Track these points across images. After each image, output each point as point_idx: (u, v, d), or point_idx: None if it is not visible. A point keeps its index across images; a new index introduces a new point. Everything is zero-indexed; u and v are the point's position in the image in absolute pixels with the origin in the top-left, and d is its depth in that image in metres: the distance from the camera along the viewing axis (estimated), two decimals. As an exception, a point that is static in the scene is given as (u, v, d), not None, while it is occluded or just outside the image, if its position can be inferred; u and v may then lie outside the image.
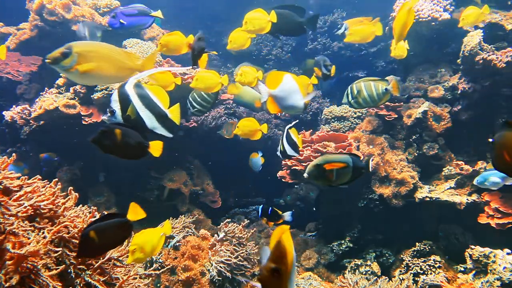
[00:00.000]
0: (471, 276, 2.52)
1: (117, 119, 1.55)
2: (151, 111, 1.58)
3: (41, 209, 1.46)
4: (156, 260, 2.67)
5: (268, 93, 1.85)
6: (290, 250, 1.03)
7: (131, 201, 1.56)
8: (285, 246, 1.03)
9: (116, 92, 1.55)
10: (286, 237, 1.04)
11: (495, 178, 2.39)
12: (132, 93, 1.56)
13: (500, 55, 3.04)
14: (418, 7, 3.65)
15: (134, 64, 1.68)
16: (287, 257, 1.02)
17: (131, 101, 1.55)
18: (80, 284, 1.44)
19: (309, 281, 2.78)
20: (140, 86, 1.59)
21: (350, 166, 1.78)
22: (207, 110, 3.04)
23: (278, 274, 0.98)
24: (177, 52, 2.57)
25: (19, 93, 4.19)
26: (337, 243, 3.33)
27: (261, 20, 2.52)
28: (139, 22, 3.04)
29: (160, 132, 1.61)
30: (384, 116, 3.45)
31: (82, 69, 1.56)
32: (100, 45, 1.65)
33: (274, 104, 1.87)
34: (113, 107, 1.55)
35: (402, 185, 3.12)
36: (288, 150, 2.53)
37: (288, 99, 1.85)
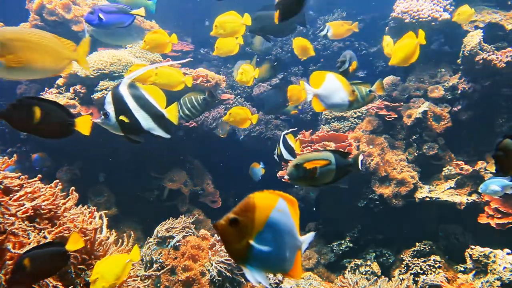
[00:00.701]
0: (471, 276, 2.52)
1: (111, 121, 1.51)
2: (147, 112, 1.55)
3: (41, 209, 1.46)
4: (156, 260, 2.67)
5: (312, 92, 1.89)
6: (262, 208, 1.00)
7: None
8: (255, 203, 1.00)
9: (110, 93, 1.52)
10: (262, 197, 1.02)
11: (495, 186, 2.43)
12: (126, 94, 1.52)
13: (500, 55, 3.04)
14: (418, 7, 3.65)
15: (70, 53, 1.51)
16: (255, 212, 0.99)
17: (126, 103, 1.52)
18: (80, 284, 1.44)
19: (309, 281, 2.78)
20: (135, 86, 1.55)
21: (333, 163, 1.71)
22: (195, 116, 2.97)
23: (236, 225, 0.96)
24: (161, 50, 2.62)
25: (19, 93, 4.19)
26: (337, 243, 3.33)
27: (233, 24, 2.49)
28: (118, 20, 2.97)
29: (157, 133, 1.57)
30: (384, 116, 3.45)
31: (9, 62, 1.29)
32: (28, 32, 1.40)
33: (318, 102, 1.91)
34: (107, 109, 1.51)
35: (402, 185, 3.12)
36: (285, 155, 2.68)
37: (332, 97, 1.90)
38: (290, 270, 1.06)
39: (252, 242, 0.98)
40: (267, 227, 1.00)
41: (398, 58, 2.17)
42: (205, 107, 2.91)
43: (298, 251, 1.06)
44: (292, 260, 1.05)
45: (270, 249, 1.00)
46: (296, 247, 1.06)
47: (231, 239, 0.97)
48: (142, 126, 1.54)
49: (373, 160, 3.24)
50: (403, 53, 2.15)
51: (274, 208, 1.01)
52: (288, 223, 1.03)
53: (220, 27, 2.50)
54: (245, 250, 0.98)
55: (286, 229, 1.02)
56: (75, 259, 1.47)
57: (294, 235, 1.04)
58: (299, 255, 1.07)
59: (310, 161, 1.69)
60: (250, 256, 0.98)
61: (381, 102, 3.57)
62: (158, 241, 2.83)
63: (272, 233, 1.00)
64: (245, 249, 0.98)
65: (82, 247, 1.52)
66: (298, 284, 2.72)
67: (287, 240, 1.03)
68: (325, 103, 1.91)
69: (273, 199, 1.02)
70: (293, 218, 1.04)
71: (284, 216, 1.02)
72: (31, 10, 4.12)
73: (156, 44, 2.59)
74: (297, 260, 1.06)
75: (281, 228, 1.01)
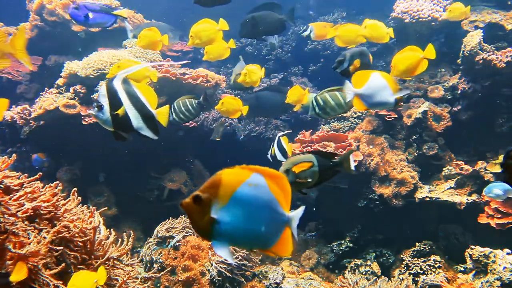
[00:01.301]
0: (471, 276, 2.52)
1: (105, 115, 1.49)
2: (138, 111, 1.53)
3: (41, 209, 1.46)
4: (156, 260, 2.67)
5: (353, 92, 1.88)
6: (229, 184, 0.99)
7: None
8: (221, 179, 0.99)
9: (105, 86, 1.49)
10: (230, 172, 1.01)
11: (498, 190, 2.49)
12: (120, 90, 1.49)
13: (500, 55, 3.04)
14: (418, 7, 3.65)
15: (4, 46, 1.47)
16: (219, 188, 0.98)
17: (120, 98, 1.49)
18: (80, 284, 1.44)
19: (309, 281, 2.78)
20: (128, 82, 1.53)
21: (315, 165, 1.70)
22: (189, 120, 2.95)
23: (200, 202, 0.96)
24: (153, 48, 2.63)
25: (19, 93, 4.19)
26: (337, 243, 3.33)
27: (208, 31, 2.46)
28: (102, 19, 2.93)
29: (144, 133, 1.55)
30: (384, 116, 3.45)
31: None
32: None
33: (360, 102, 1.91)
34: (101, 102, 1.48)
35: (402, 185, 3.12)
36: (278, 156, 2.76)
37: (376, 96, 1.89)
38: (273, 246, 1.04)
39: (215, 217, 0.97)
40: (233, 202, 0.98)
41: (397, 71, 2.15)
42: (199, 111, 2.91)
43: (285, 227, 1.03)
44: (277, 236, 1.03)
45: (238, 224, 0.98)
46: (280, 222, 1.03)
47: (195, 216, 0.97)
48: (132, 124, 1.52)
49: (373, 160, 3.24)
50: (404, 66, 2.12)
51: (244, 183, 0.99)
52: (264, 197, 1.00)
53: (196, 36, 2.47)
54: (209, 226, 0.97)
55: (261, 203, 1.00)
56: (75, 259, 1.47)
57: (275, 210, 1.02)
58: (287, 232, 1.04)
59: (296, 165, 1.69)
60: (214, 232, 0.98)
61: (381, 102, 3.57)
62: (158, 241, 2.83)
63: (240, 208, 0.98)
64: (208, 225, 0.97)
65: (82, 247, 1.52)
66: (298, 284, 2.72)
67: (264, 215, 1.00)
68: (367, 102, 1.90)
69: (244, 174, 1.00)
70: (274, 192, 1.01)
71: (258, 190, 1.00)
72: (31, 10, 4.13)
73: (149, 41, 2.59)
74: (284, 237, 1.03)
75: (253, 203, 0.99)
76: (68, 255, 1.44)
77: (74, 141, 3.36)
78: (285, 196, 1.04)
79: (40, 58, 4.26)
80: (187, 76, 3.46)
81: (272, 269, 2.83)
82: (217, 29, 2.47)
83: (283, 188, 1.03)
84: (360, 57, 2.24)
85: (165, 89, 3.46)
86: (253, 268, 2.76)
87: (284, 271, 2.89)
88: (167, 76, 3.39)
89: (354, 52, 2.27)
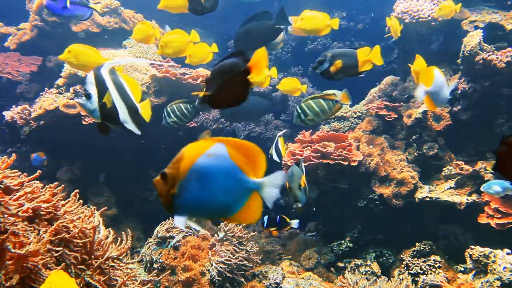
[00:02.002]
0: (471, 276, 2.52)
1: (93, 105, 1.41)
2: (124, 102, 1.45)
3: (41, 210, 1.46)
4: (156, 260, 2.67)
5: (425, 91, 1.85)
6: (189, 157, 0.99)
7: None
8: (183, 153, 1.00)
9: (92, 74, 1.41)
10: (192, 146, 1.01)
11: (497, 187, 2.49)
12: (108, 79, 1.42)
13: (500, 55, 3.04)
14: (418, 7, 3.65)
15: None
16: (181, 162, 0.99)
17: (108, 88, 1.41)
18: (80, 284, 1.44)
19: (309, 281, 2.78)
20: (115, 73, 1.45)
21: None
22: (183, 123, 2.93)
23: (165, 178, 0.98)
24: (146, 42, 2.67)
25: (19, 93, 4.19)
26: (337, 243, 3.33)
27: (179, 43, 2.46)
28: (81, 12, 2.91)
29: (129, 127, 1.47)
30: (384, 116, 3.45)
31: None
32: None
33: (431, 101, 1.88)
34: (89, 91, 1.39)
35: (402, 185, 3.12)
36: (274, 156, 2.80)
37: (440, 94, 1.87)
38: (236, 214, 1.03)
39: (175, 191, 0.99)
40: (192, 174, 0.99)
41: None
42: (195, 114, 2.88)
43: (252, 193, 1.02)
44: (240, 204, 1.02)
45: (195, 195, 0.99)
46: (243, 189, 1.02)
47: (161, 191, 1.00)
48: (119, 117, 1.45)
49: (373, 160, 3.24)
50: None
51: (203, 154, 1.00)
52: (223, 165, 1.00)
53: (166, 46, 2.50)
54: (170, 200, 0.99)
55: (220, 172, 1.00)
56: (75, 259, 1.46)
57: (236, 177, 1.01)
58: (254, 198, 1.03)
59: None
60: (174, 205, 1.00)
61: (381, 102, 3.57)
62: (158, 241, 2.83)
63: (199, 179, 0.99)
64: (170, 199, 0.99)
65: (82, 247, 1.52)
66: (298, 284, 2.72)
67: (222, 183, 1.00)
68: (435, 100, 1.87)
69: (205, 145, 1.01)
70: (236, 159, 1.01)
71: (217, 159, 1.00)
72: (31, 10, 4.13)
73: (143, 35, 2.63)
74: (249, 203, 1.03)
75: (211, 172, 0.99)
76: (68, 255, 1.44)
77: (74, 141, 3.36)
78: (252, 162, 1.03)
79: (40, 58, 4.26)
80: (187, 76, 3.46)
81: (272, 269, 2.84)
82: (187, 40, 2.50)
83: (249, 154, 1.03)
84: (342, 58, 2.12)
85: (165, 89, 3.46)
86: (253, 268, 2.76)
87: (284, 271, 2.89)
88: (167, 76, 3.39)
89: (336, 52, 2.16)
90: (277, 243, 3.50)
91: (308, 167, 3.20)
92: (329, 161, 3.13)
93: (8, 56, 4.30)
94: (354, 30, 5.23)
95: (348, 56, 2.14)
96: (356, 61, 2.11)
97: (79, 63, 2.15)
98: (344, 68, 2.11)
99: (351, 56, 2.14)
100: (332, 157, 3.13)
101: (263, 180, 1.03)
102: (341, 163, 3.12)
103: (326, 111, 2.31)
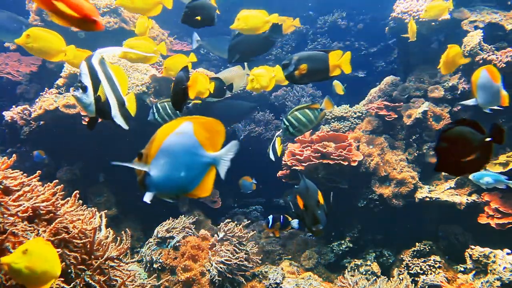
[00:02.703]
0: (471, 276, 2.52)
1: (89, 98, 1.33)
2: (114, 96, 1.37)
3: (41, 209, 1.46)
4: (156, 260, 2.67)
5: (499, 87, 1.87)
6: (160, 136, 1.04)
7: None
8: (156, 133, 1.05)
9: (86, 65, 1.32)
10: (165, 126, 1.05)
11: (488, 178, 2.48)
12: (99, 70, 1.34)
13: (500, 55, 3.04)
14: (418, 7, 3.65)
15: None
16: (153, 142, 1.05)
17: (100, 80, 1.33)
18: (80, 285, 1.44)
19: (309, 281, 2.78)
20: (104, 63, 1.38)
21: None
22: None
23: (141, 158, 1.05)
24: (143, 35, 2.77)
25: (19, 93, 4.19)
26: (337, 243, 3.33)
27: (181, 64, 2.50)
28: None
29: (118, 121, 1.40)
30: (384, 116, 3.45)
31: None
32: None
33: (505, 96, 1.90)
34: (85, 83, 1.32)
35: (402, 185, 3.12)
36: (270, 154, 2.85)
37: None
38: (194, 189, 1.06)
39: (146, 169, 1.05)
40: (161, 153, 1.03)
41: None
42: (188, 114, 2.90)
43: (210, 168, 1.05)
44: (199, 179, 1.05)
45: (161, 173, 1.03)
46: (202, 164, 1.05)
47: (138, 171, 1.07)
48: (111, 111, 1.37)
49: (373, 160, 3.24)
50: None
51: (172, 133, 1.03)
52: (187, 142, 1.03)
53: (169, 68, 2.61)
54: (142, 178, 1.06)
55: (183, 148, 1.03)
56: (75, 260, 1.47)
57: (196, 153, 1.04)
58: (211, 172, 1.06)
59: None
60: (146, 183, 1.06)
61: (381, 102, 3.57)
62: (158, 241, 2.83)
63: (166, 157, 1.03)
64: (142, 177, 1.06)
65: (82, 247, 1.52)
66: (298, 284, 2.72)
67: (185, 160, 1.03)
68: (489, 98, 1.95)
69: (175, 124, 1.04)
70: (199, 136, 1.03)
71: (183, 137, 1.03)
72: (31, 10, 4.12)
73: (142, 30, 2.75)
74: (206, 178, 1.06)
75: (176, 149, 1.02)
76: (68, 255, 1.44)
77: (74, 141, 3.36)
78: (212, 138, 1.05)
79: (40, 59, 4.25)
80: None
81: (272, 269, 2.83)
82: (187, 61, 2.59)
83: (211, 130, 1.05)
84: (308, 62, 1.99)
85: (165, 89, 3.46)
86: (253, 268, 2.76)
87: (284, 271, 2.89)
88: (167, 77, 3.39)
89: (303, 55, 2.03)
90: (277, 243, 3.50)
91: (308, 167, 3.21)
92: (329, 161, 3.13)
93: (8, 56, 4.30)
94: (354, 30, 5.23)
95: (316, 60, 2.02)
96: (326, 65, 2.00)
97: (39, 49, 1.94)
98: (309, 73, 2.00)
99: (320, 60, 2.01)
100: (332, 157, 3.13)
101: (217, 154, 1.05)
102: (341, 163, 3.12)
103: (313, 120, 2.33)
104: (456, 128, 1.24)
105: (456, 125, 1.25)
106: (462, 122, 1.25)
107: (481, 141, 1.23)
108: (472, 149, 1.23)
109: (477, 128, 1.25)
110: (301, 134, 2.42)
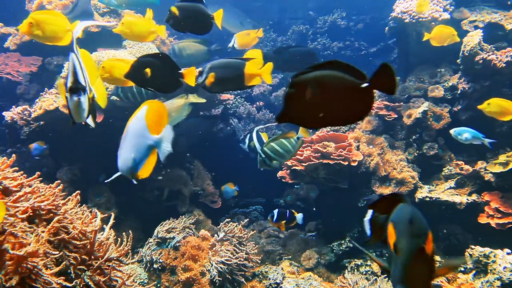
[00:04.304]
0: (471, 276, 2.52)
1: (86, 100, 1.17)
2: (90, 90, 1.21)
3: (41, 209, 1.45)
4: (156, 260, 2.67)
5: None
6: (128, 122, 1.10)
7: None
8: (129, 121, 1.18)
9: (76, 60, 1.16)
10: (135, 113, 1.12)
11: (467, 134, 2.61)
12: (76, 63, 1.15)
13: (500, 55, 3.04)
14: (418, 7, 3.65)
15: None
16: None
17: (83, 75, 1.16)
18: (80, 285, 1.44)
19: (309, 281, 2.78)
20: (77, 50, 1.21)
21: None
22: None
23: None
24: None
25: (19, 93, 4.19)
26: (337, 243, 3.33)
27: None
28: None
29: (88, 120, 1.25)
30: (384, 116, 3.45)
31: None
32: None
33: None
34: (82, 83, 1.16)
35: (402, 185, 3.12)
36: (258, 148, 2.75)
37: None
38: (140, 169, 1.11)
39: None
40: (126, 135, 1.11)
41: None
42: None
43: (152, 150, 1.10)
44: (144, 160, 1.10)
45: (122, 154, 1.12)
46: (146, 146, 1.09)
47: None
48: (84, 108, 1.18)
49: (373, 160, 3.24)
50: None
51: (134, 116, 1.09)
52: (137, 125, 1.08)
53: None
54: None
55: (133, 132, 1.08)
56: (75, 260, 1.46)
57: (143, 135, 1.08)
58: (153, 154, 1.11)
59: None
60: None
61: (381, 102, 3.57)
62: (158, 241, 2.83)
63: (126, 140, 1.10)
64: None
65: (82, 248, 1.51)
66: (298, 284, 2.72)
67: (133, 143, 1.09)
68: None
69: (139, 109, 1.09)
70: (147, 119, 1.07)
71: (137, 120, 1.08)
72: (31, 10, 4.12)
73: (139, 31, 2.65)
74: (148, 159, 1.11)
75: (128, 133, 1.08)
76: (67, 256, 1.44)
77: (74, 141, 3.36)
78: (158, 120, 1.09)
79: (40, 59, 4.25)
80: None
81: (272, 269, 2.84)
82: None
83: (160, 114, 1.09)
84: (219, 71, 1.90)
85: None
86: (253, 268, 2.76)
87: (284, 271, 2.89)
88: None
89: (215, 64, 1.93)
90: (277, 243, 3.50)
91: (308, 167, 3.21)
92: (329, 161, 3.13)
93: (8, 56, 4.30)
94: (354, 30, 5.24)
95: (230, 68, 1.94)
96: (239, 74, 1.91)
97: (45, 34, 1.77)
98: (219, 81, 1.90)
99: (234, 68, 1.93)
100: (332, 157, 3.13)
101: (159, 136, 1.09)
102: (341, 163, 3.12)
103: (290, 150, 2.27)
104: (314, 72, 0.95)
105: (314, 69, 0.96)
106: (328, 65, 0.96)
107: (355, 88, 0.96)
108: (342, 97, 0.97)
109: (352, 71, 0.97)
110: (278, 166, 2.37)
